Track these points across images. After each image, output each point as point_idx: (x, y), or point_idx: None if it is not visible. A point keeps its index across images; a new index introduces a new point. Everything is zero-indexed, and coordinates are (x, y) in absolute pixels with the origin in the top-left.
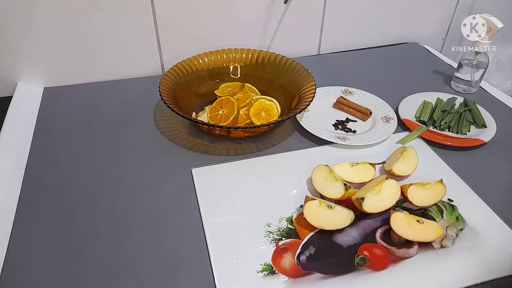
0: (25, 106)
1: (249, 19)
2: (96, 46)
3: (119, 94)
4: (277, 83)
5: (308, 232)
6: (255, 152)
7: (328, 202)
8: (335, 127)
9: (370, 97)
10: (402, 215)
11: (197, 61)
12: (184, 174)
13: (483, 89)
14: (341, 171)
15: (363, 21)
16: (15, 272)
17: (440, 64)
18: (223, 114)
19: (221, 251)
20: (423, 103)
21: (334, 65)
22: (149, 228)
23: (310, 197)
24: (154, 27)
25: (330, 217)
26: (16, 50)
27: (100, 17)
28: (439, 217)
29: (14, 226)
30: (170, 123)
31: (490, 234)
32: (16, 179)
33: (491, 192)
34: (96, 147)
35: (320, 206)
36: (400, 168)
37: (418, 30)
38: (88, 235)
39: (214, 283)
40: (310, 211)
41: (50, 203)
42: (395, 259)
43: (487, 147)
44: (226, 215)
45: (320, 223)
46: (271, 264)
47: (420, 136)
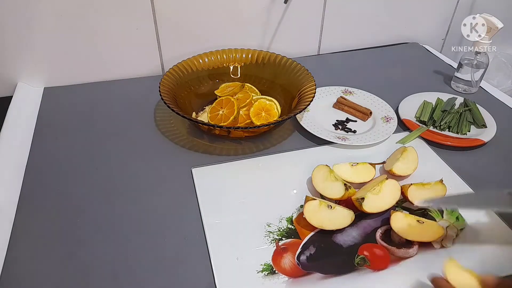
0: (25, 106)
1: (249, 19)
2: (96, 46)
3: (119, 94)
4: (277, 83)
5: (308, 232)
6: (255, 152)
7: (328, 202)
8: (335, 127)
9: (370, 97)
10: (402, 215)
11: (197, 61)
12: (184, 174)
13: (483, 89)
14: (341, 171)
15: (363, 21)
16: (15, 272)
17: (440, 64)
18: (223, 114)
19: (221, 251)
20: (423, 103)
21: (334, 65)
22: (149, 228)
23: (310, 197)
24: (154, 27)
25: (330, 217)
26: (16, 50)
27: (100, 17)
28: (439, 217)
29: (14, 226)
30: (170, 123)
31: (490, 234)
32: (16, 179)
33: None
34: (96, 147)
35: (320, 206)
36: (400, 168)
37: (418, 30)
38: (88, 235)
39: (214, 283)
40: (310, 211)
41: (50, 203)
42: (395, 259)
43: (487, 147)
44: (226, 215)
45: (320, 223)
46: (271, 264)
47: (420, 136)
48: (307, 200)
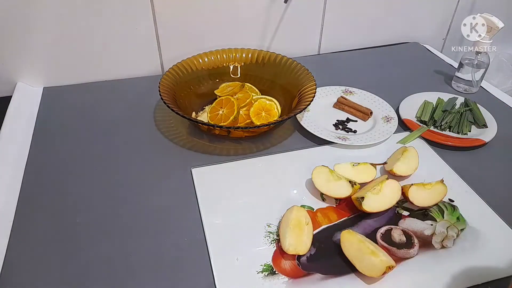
0: (24, 106)
1: (249, 18)
2: (96, 46)
3: (119, 94)
4: (277, 83)
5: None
6: (255, 152)
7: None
8: (336, 127)
9: (370, 97)
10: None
11: (197, 61)
12: (184, 174)
13: (483, 89)
14: (342, 171)
15: (363, 21)
16: (15, 272)
17: (440, 64)
18: (223, 114)
19: (221, 251)
20: (424, 103)
21: (335, 65)
22: (149, 228)
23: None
24: (154, 27)
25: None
26: (16, 50)
27: (99, 17)
28: (440, 217)
29: (14, 226)
30: (170, 123)
31: (491, 234)
32: (15, 179)
33: (492, 192)
34: (95, 147)
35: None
36: (401, 168)
37: (418, 30)
38: (88, 235)
39: (214, 283)
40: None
41: (50, 203)
42: (396, 259)
43: (488, 147)
44: (226, 215)
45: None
46: (271, 265)
47: (420, 136)
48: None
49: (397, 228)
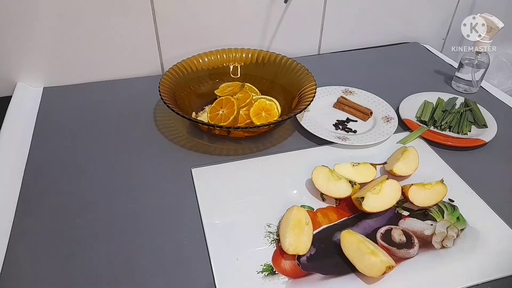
0: (24, 106)
1: (249, 18)
2: (96, 46)
3: (119, 94)
4: (277, 83)
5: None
6: (255, 152)
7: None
8: (336, 127)
9: (370, 97)
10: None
11: (197, 61)
12: (184, 174)
13: (483, 89)
14: (342, 171)
15: (363, 21)
16: (15, 272)
17: (440, 63)
18: (223, 114)
19: (221, 251)
20: (424, 103)
21: (335, 65)
22: (149, 228)
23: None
24: (154, 27)
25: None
26: (16, 50)
27: (99, 17)
28: (440, 217)
29: (14, 226)
30: (170, 123)
31: (491, 234)
32: (15, 179)
33: (492, 192)
34: (95, 147)
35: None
36: (401, 168)
37: (418, 30)
38: (88, 235)
39: (214, 283)
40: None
41: (50, 203)
42: (396, 259)
43: (488, 147)
44: (226, 215)
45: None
46: (271, 265)
47: (420, 136)
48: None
49: (397, 228)
